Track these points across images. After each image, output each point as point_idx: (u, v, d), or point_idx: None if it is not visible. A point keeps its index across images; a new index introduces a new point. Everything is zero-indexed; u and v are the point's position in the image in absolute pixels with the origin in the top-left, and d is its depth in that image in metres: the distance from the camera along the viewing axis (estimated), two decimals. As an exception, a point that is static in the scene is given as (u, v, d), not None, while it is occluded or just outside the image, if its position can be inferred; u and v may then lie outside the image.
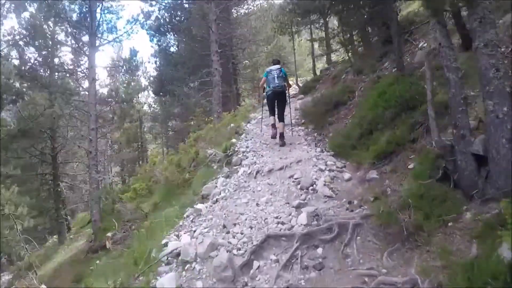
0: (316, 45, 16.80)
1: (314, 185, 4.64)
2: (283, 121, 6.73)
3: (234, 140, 7.43)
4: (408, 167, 3.91)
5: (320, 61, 23.15)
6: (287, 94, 6.98)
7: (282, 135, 6.62)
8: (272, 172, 5.46)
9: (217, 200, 5.14)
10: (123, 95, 28.08)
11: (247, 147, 6.98)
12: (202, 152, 7.67)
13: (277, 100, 6.62)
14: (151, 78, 21.55)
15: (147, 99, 28.73)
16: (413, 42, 7.90)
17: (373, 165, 4.54)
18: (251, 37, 16.87)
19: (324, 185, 4.59)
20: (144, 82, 26.55)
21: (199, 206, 5.19)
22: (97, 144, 12.53)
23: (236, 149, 6.79)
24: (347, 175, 4.77)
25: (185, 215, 5.38)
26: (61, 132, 17.72)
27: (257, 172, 5.58)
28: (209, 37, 12.52)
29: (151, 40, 16.14)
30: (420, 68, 6.54)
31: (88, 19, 12.43)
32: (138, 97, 29.81)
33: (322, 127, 7.73)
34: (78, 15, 13.20)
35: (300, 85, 16.25)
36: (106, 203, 11.64)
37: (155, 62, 20.03)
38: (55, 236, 18.89)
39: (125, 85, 29.57)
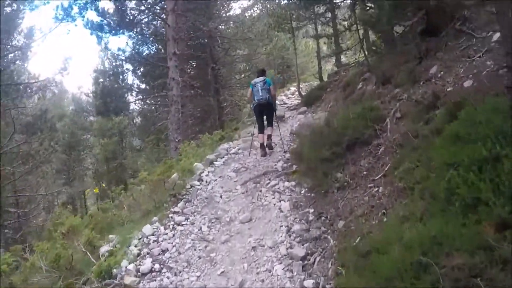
0: (323, 44, 13.20)
1: None
2: (271, 126, 6.63)
3: (148, 227, 3.67)
4: None
5: (329, 63, 19.30)
6: (274, 104, 6.76)
7: (269, 137, 6.40)
8: None
9: None
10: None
11: (162, 251, 3.28)
12: (98, 244, 4.02)
13: (264, 112, 6.55)
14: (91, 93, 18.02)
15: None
16: (472, 33, 4.43)
17: None
18: (240, 35, 13.12)
19: None
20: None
21: None
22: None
23: (131, 268, 3.10)
24: None
25: None
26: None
27: None
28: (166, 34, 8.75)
29: (99, 43, 12.49)
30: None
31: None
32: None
33: (325, 193, 4.06)
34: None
35: (304, 93, 12.61)
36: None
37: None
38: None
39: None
